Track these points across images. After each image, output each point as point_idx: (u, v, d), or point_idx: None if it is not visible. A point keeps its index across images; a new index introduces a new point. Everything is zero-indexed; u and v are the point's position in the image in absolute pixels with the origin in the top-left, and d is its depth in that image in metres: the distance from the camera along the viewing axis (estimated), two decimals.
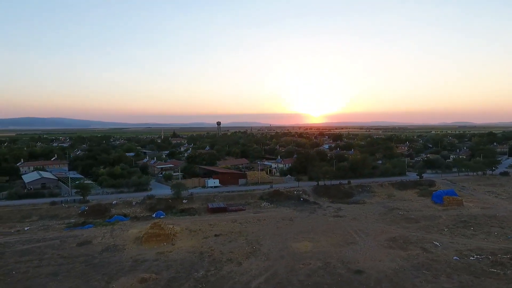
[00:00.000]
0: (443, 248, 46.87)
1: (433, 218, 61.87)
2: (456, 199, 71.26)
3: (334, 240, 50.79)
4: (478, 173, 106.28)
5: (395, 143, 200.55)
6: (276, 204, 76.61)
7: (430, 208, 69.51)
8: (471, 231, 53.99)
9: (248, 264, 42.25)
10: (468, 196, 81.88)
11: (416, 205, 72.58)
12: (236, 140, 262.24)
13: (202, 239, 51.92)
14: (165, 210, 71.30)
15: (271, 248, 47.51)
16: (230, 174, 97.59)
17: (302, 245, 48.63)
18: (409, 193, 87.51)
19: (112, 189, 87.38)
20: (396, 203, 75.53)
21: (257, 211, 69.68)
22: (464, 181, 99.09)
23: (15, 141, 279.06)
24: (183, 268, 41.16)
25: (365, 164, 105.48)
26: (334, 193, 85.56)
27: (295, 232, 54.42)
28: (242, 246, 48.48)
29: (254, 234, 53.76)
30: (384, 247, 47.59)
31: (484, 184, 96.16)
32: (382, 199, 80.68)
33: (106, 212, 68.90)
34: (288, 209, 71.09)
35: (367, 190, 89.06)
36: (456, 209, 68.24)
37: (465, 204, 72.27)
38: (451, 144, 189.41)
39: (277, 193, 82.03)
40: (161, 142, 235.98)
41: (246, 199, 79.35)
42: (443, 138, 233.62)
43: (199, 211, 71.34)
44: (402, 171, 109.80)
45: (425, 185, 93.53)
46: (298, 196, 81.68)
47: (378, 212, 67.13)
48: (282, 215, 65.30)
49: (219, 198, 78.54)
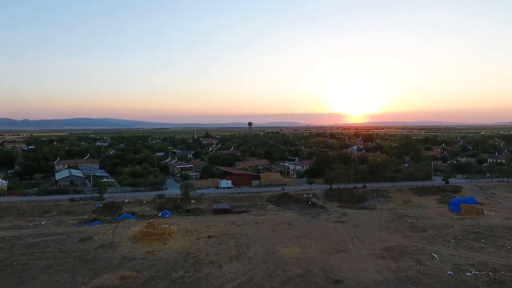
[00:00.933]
0: (441, 261, 43.65)
1: (443, 227, 57.71)
2: (475, 207, 65.68)
3: (325, 246, 49.36)
4: None
5: (430, 145, 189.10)
6: (282, 207, 75.89)
7: (445, 217, 64.80)
8: (481, 244, 49.61)
9: (229, 267, 42.49)
10: (494, 204, 75.17)
11: (430, 213, 68.04)
12: (265, 140, 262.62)
13: (195, 239, 53.04)
14: (173, 209, 73.68)
15: (258, 252, 47.31)
16: (243, 175, 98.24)
17: (290, 251, 47.85)
18: (428, 200, 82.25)
19: (130, 187, 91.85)
20: (409, 210, 71.41)
21: (260, 214, 69.59)
22: (496, 187, 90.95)
23: (64, 140, 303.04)
24: (165, 268, 42.42)
25: (386, 167, 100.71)
26: (346, 198, 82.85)
27: (288, 237, 53.65)
28: (229, 248, 48.80)
29: (247, 237, 53.83)
30: (376, 256, 45.36)
31: None
32: (396, 205, 76.66)
33: (117, 210, 72.68)
34: (291, 213, 70.15)
35: (383, 195, 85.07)
36: (474, 218, 63.00)
37: (486, 213, 66.42)
38: (494, 146, 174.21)
39: (286, 195, 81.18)
40: (192, 142, 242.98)
41: (254, 201, 79.44)
42: (487, 139, 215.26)
43: (205, 211, 72.76)
44: (427, 175, 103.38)
45: (448, 191, 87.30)
46: (307, 199, 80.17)
47: (385, 218, 63.97)
48: (282, 219, 64.60)
49: (226, 199, 79.44)
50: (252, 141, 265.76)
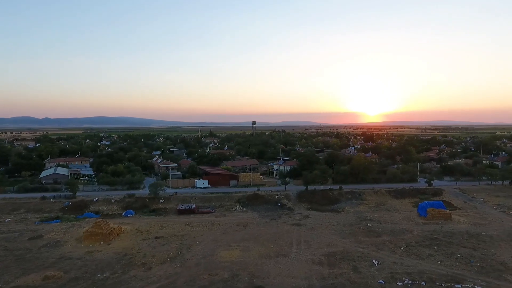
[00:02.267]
0: (379, 268, 41.81)
1: (401, 232, 55.45)
2: (443, 212, 62.79)
3: (267, 250, 48.19)
4: (505, 182, 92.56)
5: (430, 146, 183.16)
6: (249, 208, 74.86)
7: (409, 221, 62.28)
8: (432, 251, 47.27)
9: (158, 270, 41.98)
10: (470, 208, 71.76)
11: (397, 217, 65.55)
12: (267, 140, 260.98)
13: (141, 240, 52.79)
14: (139, 209, 73.84)
15: (196, 255, 46.63)
16: (221, 175, 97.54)
17: (230, 254, 46.93)
18: (404, 203, 79.44)
19: (108, 186, 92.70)
20: (377, 213, 69.04)
21: (222, 215, 68.81)
22: (481, 191, 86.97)
23: (71, 138, 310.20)
24: (94, 269, 42.28)
25: (368, 169, 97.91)
26: (318, 199, 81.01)
27: (236, 239, 52.71)
28: (170, 250, 48.30)
29: (194, 239, 53.21)
30: (313, 262, 43.90)
31: (505, 196, 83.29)
32: (366, 208, 74.31)
33: (85, 209, 73.38)
34: (254, 214, 69.04)
35: (357, 197, 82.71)
36: (439, 223, 60.28)
37: (455, 218, 63.48)
38: (498, 147, 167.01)
39: (256, 196, 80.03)
40: (192, 141, 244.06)
41: (223, 201, 78.64)
42: (492, 140, 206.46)
43: (170, 211, 72.53)
44: (412, 177, 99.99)
45: (428, 194, 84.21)
46: (277, 200, 78.83)
47: (346, 222, 62.01)
48: (241, 220, 63.60)
49: (195, 200, 78.97)
50: (253, 140, 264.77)
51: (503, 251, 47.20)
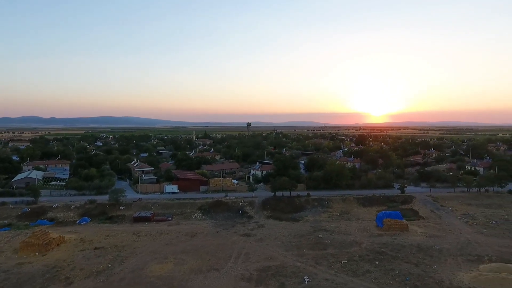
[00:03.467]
0: (307, 286, 40.09)
1: (349, 245, 53.53)
2: (399, 223, 60.64)
3: (202, 263, 46.67)
4: (480, 189, 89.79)
5: (419, 149, 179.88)
6: (209, 216, 73.38)
7: (364, 232, 60.25)
8: (371, 267, 45.31)
9: (78, 285, 40.72)
10: (434, 218, 69.42)
11: (354, 227, 63.51)
12: (260, 141, 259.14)
13: (78, 251, 51.59)
14: (97, 216, 72.78)
15: (126, 268, 45.27)
16: (191, 181, 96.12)
17: (161, 267, 45.51)
18: (371, 211, 77.24)
19: (75, 191, 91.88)
20: (335, 222, 67.03)
21: (177, 223, 67.45)
22: (453, 198, 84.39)
23: (67, 139, 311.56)
24: (15, 283, 41.14)
25: (341, 174, 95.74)
26: (282, 207, 79.27)
27: (176, 251, 51.26)
28: (101, 263, 46.99)
29: (134, 250, 51.89)
30: (243, 278, 42.30)
31: (477, 204, 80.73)
32: (327, 217, 72.36)
33: (42, 215, 72.49)
34: (209, 223, 67.55)
35: (323, 204, 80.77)
36: (393, 235, 58.21)
37: (413, 229, 61.35)
38: (487, 152, 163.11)
39: (219, 203, 78.51)
40: (183, 143, 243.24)
41: (184, 208, 77.26)
42: (485, 143, 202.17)
43: (127, 219, 71.32)
44: (387, 183, 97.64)
45: (397, 202, 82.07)
46: (239, 208, 77.22)
47: (298, 232, 60.18)
48: (191, 230, 62.13)
49: (156, 206, 77.70)
50: (247, 142, 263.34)
51: (446, 267, 45.09)
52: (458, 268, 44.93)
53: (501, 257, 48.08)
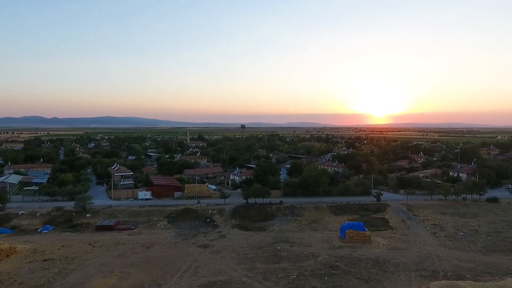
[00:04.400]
0: None
1: (305, 258, 52.15)
2: (362, 234, 59.19)
3: (146, 278, 45.45)
4: (458, 197, 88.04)
5: (409, 153, 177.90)
6: (175, 224, 72.21)
7: (325, 244, 58.85)
8: (319, 283, 43.84)
9: None
10: (403, 228, 67.85)
11: (317, 238, 62.08)
12: (252, 144, 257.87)
13: (26, 263, 50.51)
14: (62, 223, 71.81)
15: (67, 283, 44.11)
16: (165, 187, 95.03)
17: (103, 282, 44.33)
18: (342, 219, 75.57)
19: (48, 197, 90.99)
20: (299, 233, 65.64)
21: (138, 232, 66.37)
22: (429, 207, 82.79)
23: (61, 140, 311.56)
24: None
25: (318, 181, 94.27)
26: (253, 215, 78.00)
27: (125, 264, 50.07)
28: (44, 276, 45.87)
29: (83, 262, 50.77)
30: None
31: (451, 213, 79.13)
32: (295, 227, 70.95)
33: (6, 223, 71.59)
34: (171, 232, 66.35)
35: (295, 213, 79.43)
36: (355, 247, 56.82)
37: (377, 240, 59.90)
38: (478, 157, 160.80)
39: (187, 211, 77.32)
40: (174, 145, 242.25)
41: (152, 216, 76.10)
42: (476, 148, 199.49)
43: (91, 227, 70.20)
44: (366, 190, 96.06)
45: (370, 211, 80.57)
46: (207, 216, 75.95)
47: (257, 243, 58.85)
48: (150, 240, 60.96)
49: (124, 214, 76.61)
50: (240, 144, 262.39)
51: (396, 284, 43.61)
52: (409, 284, 43.45)
53: (456, 273, 46.52)
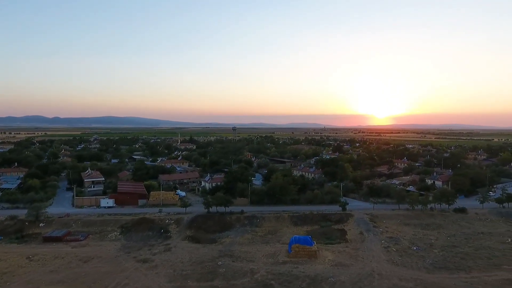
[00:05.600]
0: None
1: (242, 275, 50.44)
2: (307, 249, 57.35)
3: None
4: (426, 207, 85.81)
5: (393, 158, 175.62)
6: (128, 235, 70.62)
7: (270, 259, 57.03)
8: None
9: None
10: (357, 242, 65.88)
11: (264, 252, 60.16)
12: (241, 147, 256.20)
13: None
14: (13, 233, 70.39)
15: None
16: (128, 194, 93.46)
17: None
18: (301, 231, 74.01)
19: (9, 204, 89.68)
20: (249, 246, 63.87)
21: (84, 244, 64.84)
22: (393, 217, 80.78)
23: (52, 142, 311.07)
24: None
25: (285, 189, 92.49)
26: (210, 225, 76.35)
27: (53, 281, 48.59)
28: None
29: (11, 279, 49.36)
30: None
31: (415, 224, 77.19)
32: (248, 239, 69.19)
33: None
34: (117, 244, 64.77)
35: (254, 223, 77.75)
36: (299, 262, 55.03)
37: (324, 254, 58.16)
38: (461, 162, 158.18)
39: (142, 221, 75.62)
40: (161, 148, 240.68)
41: (106, 226, 74.48)
42: (462, 153, 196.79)
43: (40, 238, 68.67)
44: (334, 198, 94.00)
45: (332, 221, 78.78)
46: (162, 226, 74.26)
47: (199, 258, 57.13)
48: (91, 253, 59.35)
49: (78, 224, 75.10)
50: (229, 147, 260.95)
51: None
52: None
53: None
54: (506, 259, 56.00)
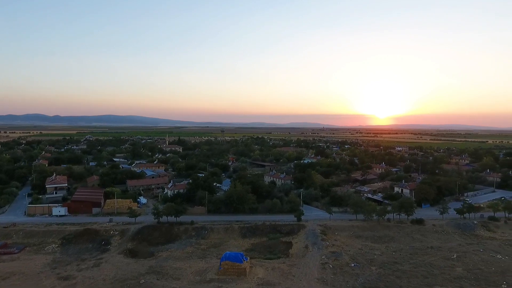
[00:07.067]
0: None
1: None
2: (236, 266, 55.09)
3: None
4: (382, 218, 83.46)
5: (373, 162, 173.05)
6: (67, 247, 68.88)
7: (197, 277, 54.90)
8: None
9: None
10: (299, 257, 63.65)
11: (194, 269, 57.93)
12: (226, 149, 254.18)
13: None
14: None
15: None
16: (82, 202, 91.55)
17: None
18: (247, 244, 72.24)
19: None
20: (180, 262, 61.36)
21: (14, 258, 62.77)
22: (347, 229, 78.48)
23: (40, 142, 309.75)
24: None
25: (242, 198, 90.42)
26: (156, 236, 74.52)
27: None
28: None
29: None
30: None
31: (367, 237, 74.96)
32: (188, 252, 67.22)
33: None
34: (48, 259, 62.59)
35: (201, 234, 75.78)
36: (225, 281, 52.90)
37: (256, 271, 55.96)
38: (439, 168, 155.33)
39: (85, 232, 73.74)
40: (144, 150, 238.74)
41: (48, 237, 72.57)
42: (443, 158, 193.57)
43: None
44: (294, 207, 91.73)
45: (282, 233, 76.68)
46: (105, 238, 72.34)
47: (124, 275, 54.96)
48: (14, 269, 56.98)
49: (20, 235, 73.27)
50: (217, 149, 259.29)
51: None
52: None
53: None
54: (441, 278, 53.70)
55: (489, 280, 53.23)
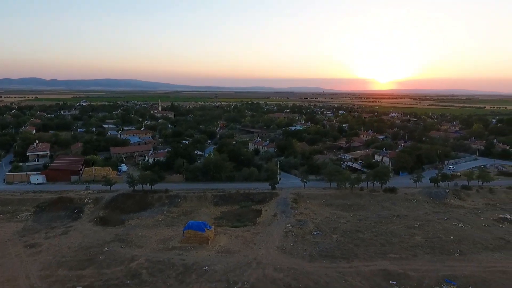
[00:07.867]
0: None
1: (120, 263, 49.79)
2: (199, 235, 56.37)
3: None
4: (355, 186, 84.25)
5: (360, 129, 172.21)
6: (40, 215, 70.24)
7: (161, 245, 56.36)
8: None
9: None
10: (262, 224, 65.08)
11: (159, 237, 59.45)
12: (219, 115, 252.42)
13: None
14: None
15: None
16: (60, 171, 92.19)
17: None
18: (218, 211, 73.55)
19: None
20: (147, 230, 62.91)
21: None
22: (318, 197, 79.59)
23: (31, 107, 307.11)
24: None
25: (219, 167, 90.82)
26: (129, 205, 75.76)
27: None
28: None
29: None
30: None
31: (337, 205, 76.21)
32: (159, 219, 68.68)
33: None
34: (19, 227, 64.12)
35: (174, 202, 77.04)
36: (186, 249, 54.39)
37: (218, 239, 57.49)
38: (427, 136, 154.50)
39: (60, 200, 74.87)
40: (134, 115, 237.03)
41: (23, 205, 73.70)
42: (434, 124, 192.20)
43: None
44: (271, 176, 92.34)
45: (254, 201, 77.84)
46: (78, 206, 73.56)
47: (90, 243, 56.37)
48: None
49: None
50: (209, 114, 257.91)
51: None
52: None
53: (255, 286, 44.10)
54: (398, 247, 55.02)
55: (444, 248, 54.59)
